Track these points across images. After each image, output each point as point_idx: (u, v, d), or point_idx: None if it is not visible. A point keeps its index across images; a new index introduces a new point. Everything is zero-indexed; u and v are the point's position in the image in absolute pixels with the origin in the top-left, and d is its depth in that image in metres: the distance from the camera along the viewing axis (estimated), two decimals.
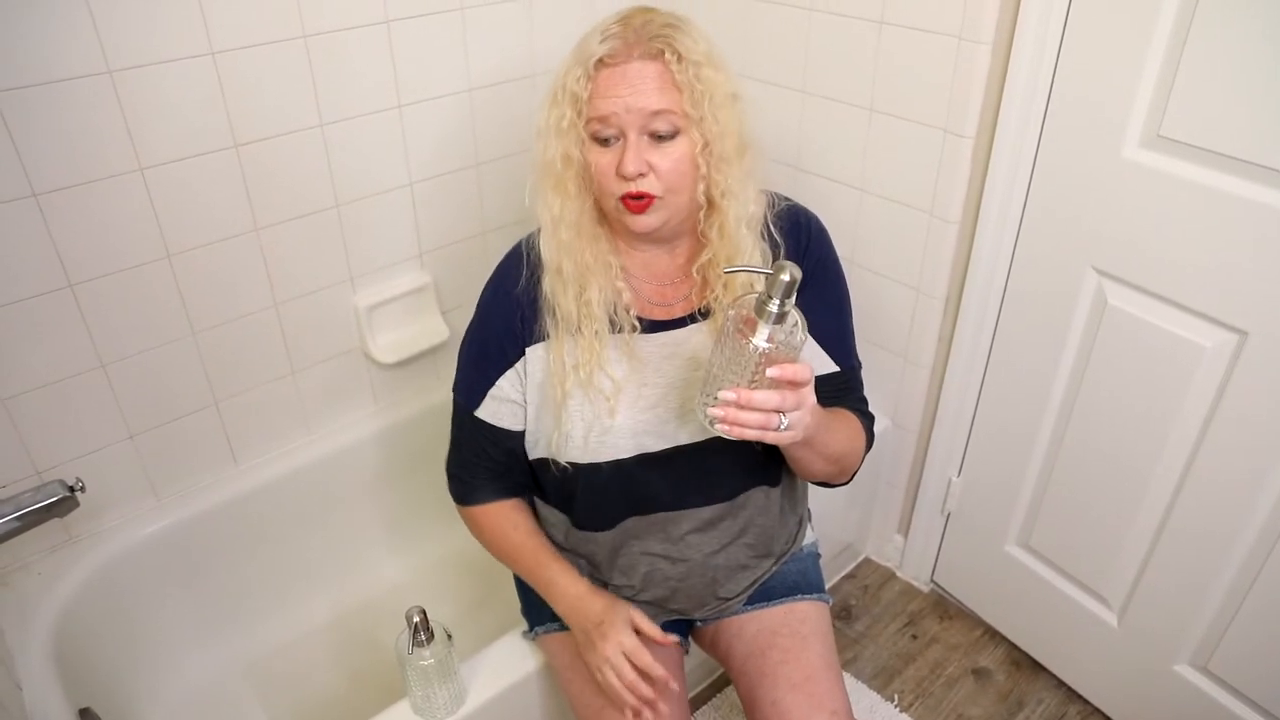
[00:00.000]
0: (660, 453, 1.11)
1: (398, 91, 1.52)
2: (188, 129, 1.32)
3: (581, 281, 1.07)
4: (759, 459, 1.15)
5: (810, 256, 1.12)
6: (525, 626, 1.31)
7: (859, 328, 1.21)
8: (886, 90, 1.48)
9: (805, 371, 0.88)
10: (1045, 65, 1.31)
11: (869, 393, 1.21)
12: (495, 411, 1.15)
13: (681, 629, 1.28)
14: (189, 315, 1.44)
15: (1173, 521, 1.40)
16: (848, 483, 1.18)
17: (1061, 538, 1.60)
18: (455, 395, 1.19)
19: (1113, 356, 1.39)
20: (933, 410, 1.72)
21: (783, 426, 0.89)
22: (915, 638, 1.83)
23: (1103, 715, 1.66)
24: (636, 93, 0.97)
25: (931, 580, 1.92)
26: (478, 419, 1.16)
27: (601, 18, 1.03)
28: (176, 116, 1.30)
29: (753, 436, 0.89)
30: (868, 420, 1.17)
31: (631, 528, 1.16)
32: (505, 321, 1.13)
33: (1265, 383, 1.22)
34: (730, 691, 1.68)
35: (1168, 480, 1.38)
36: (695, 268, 1.09)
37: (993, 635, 1.83)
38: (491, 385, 1.14)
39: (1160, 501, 1.41)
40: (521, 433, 1.17)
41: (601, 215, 1.09)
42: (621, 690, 1.07)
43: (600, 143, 1.01)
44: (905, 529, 1.91)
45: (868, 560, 2.01)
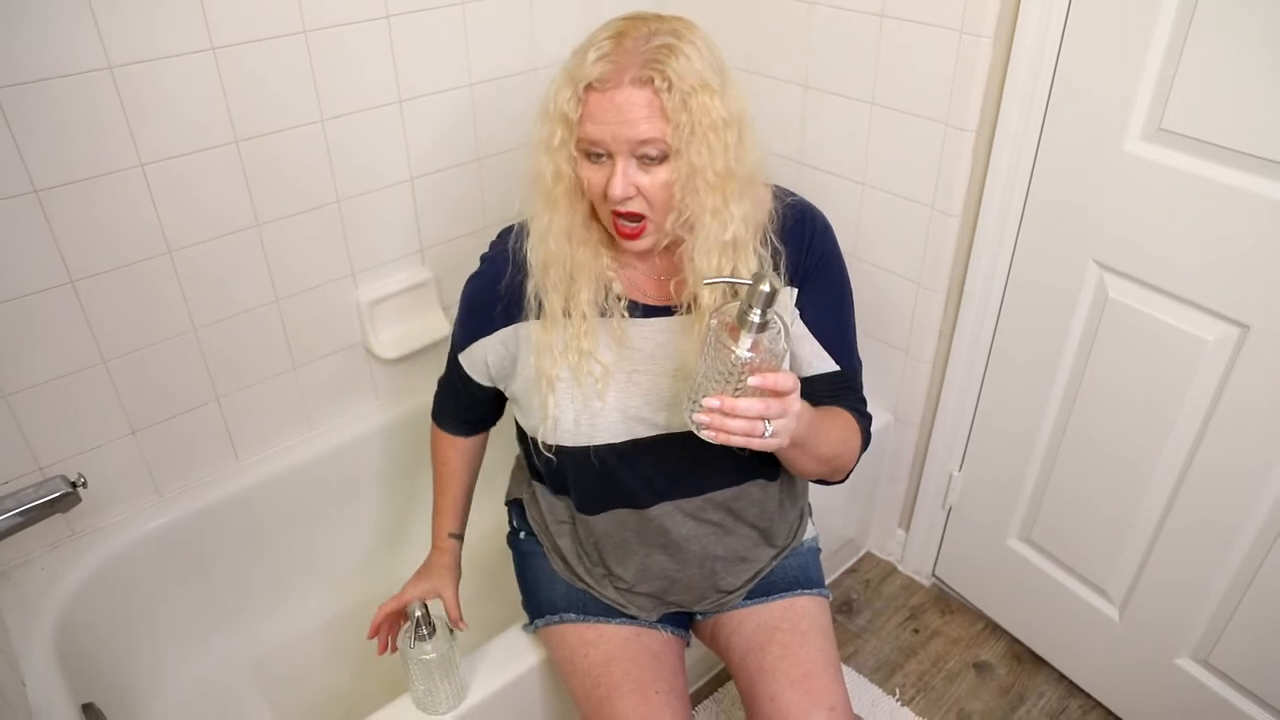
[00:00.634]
0: (653, 439, 1.12)
1: (399, 86, 1.52)
2: (189, 124, 1.32)
3: (571, 272, 1.08)
4: (751, 451, 1.14)
5: (813, 253, 1.12)
6: (526, 620, 1.32)
7: (860, 322, 1.21)
8: (888, 84, 1.48)
9: (787, 381, 0.89)
10: (1047, 58, 1.31)
11: (870, 386, 1.21)
12: (471, 363, 1.23)
13: (682, 622, 1.29)
14: (190, 311, 1.44)
15: (1174, 515, 1.40)
16: (842, 481, 1.17)
17: (1063, 532, 1.60)
18: (452, 333, 1.26)
19: (1114, 350, 1.39)
20: (934, 404, 1.72)
21: (767, 433, 0.90)
22: (917, 632, 1.83)
23: (1104, 709, 1.66)
24: (624, 122, 0.96)
25: (933, 574, 1.92)
26: (458, 361, 1.24)
27: (599, 26, 1.02)
28: (177, 112, 1.30)
29: (738, 443, 0.90)
30: (864, 420, 1.17)
31: (625, 518, 1.17)
32: (496, 290, 1.15)
33: (1267, 376, 1.22)
34: (731, 686, 1.68)
35: (1169, 474, 1.39)
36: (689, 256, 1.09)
37: (994, 629, 1.83)
38: (472, 343, 1.20)
39: (1162, 495, 1.41)
40: (490, 390, 1.25)
41: (594, 219, 1.09)
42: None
43: (591, 161, 1.01)
44: (907, 523, 1.92)
45: (869, 555, 2.01)
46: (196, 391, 1.51)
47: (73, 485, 1.27)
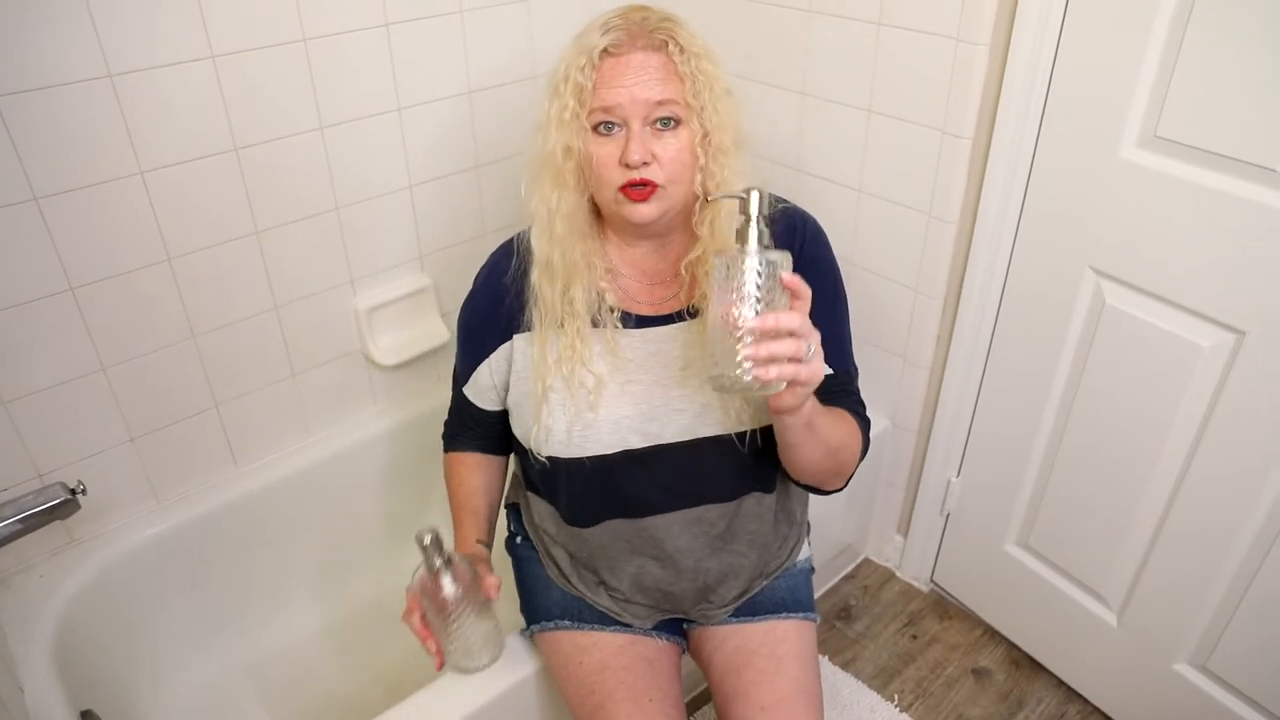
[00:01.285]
0: (645, 450, 1.12)
1: (397, 94, 1.53)
2: (188, 132, 1.33)
3: (567, 278, 1.08)
4: (750, 461, 1.14)
5: (804, 257, 1.12)
6: (523, 627, 1.31)
7: (857, 328, 1.21)
8: (885, 91, 1.49)
9: (805, 286, 0.87)
10: (1043, 66, 1.31)
11: (867, 392, 1.21)
12: (477, 393, 1.23)
13: (678, 630, 1.28)
14: (189, 318, 1.45)
15: (1172, 521, 1.40)
16: (842, 489, 1.16)
17: (1061, 537, 1.60)
18: (454, 367, 1.26)
19: (1111, 356, 1.40)
20: (931, 410, 1.72)
21: (809, 353, 0.85)
22: (915, 638, 1.83)
23: (1102, 714, 1.66)
24: (641, 83, 0.99)
25: (931, 580, 1.92)
26: (465, 395, 1.24)
27: (597, 14, 1.04)
28: (177, 120, 1.31)
29: (788, 374, 0.84)
30: (864, 423, 1.15)
31: (619, 529, 1.16)
32: (492, 309, 1.16)
33: (1262, 382, 1.22)
34: None
35: (1166, 479, 1.39)
36: (684, 264, 1.10)
37: (992, 635, 1.83)
38: (474, 370, 1.21)
39: (1159, 501, 1.41)
40: (501, 412, 1.24)
41: (595, 213, 1.10)
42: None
43: (601, 135, 1.02)
44: (905, 529, 1.92)
45: (867, 561, 2.01)
46: (195, 398, 1.52)
47: (72, 492, 1.26)
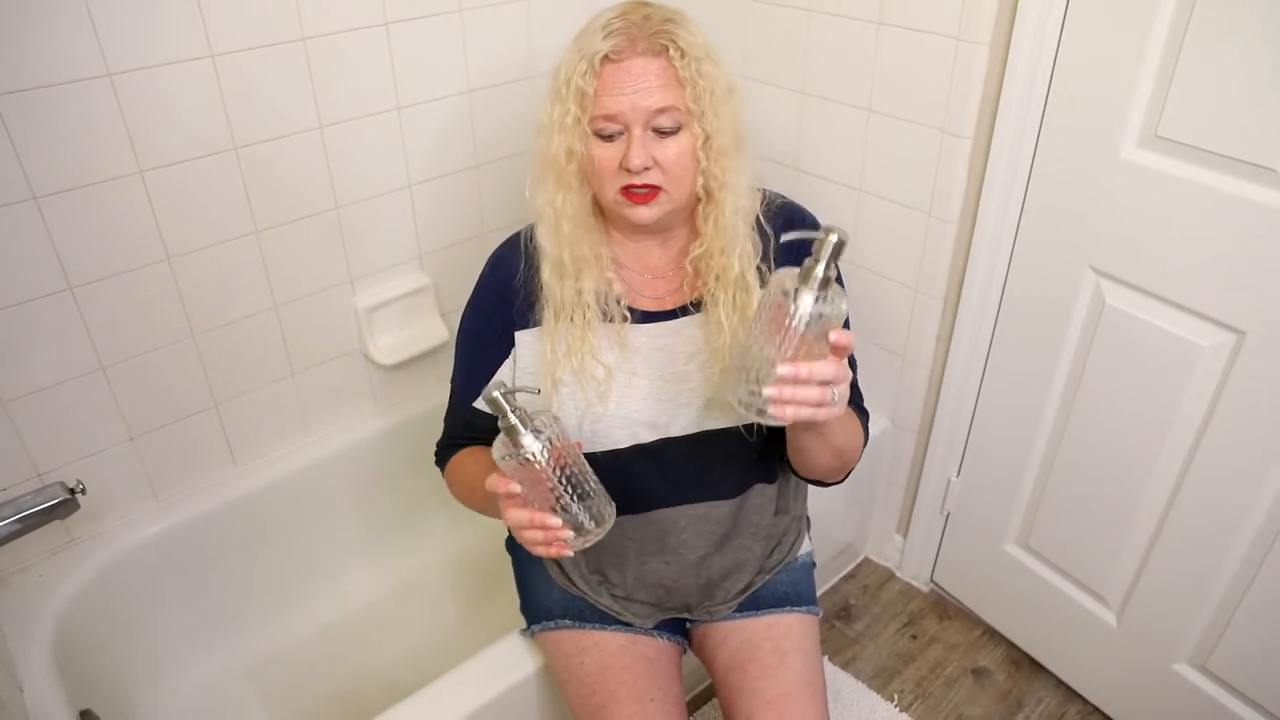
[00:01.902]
0: (653, 444, 1.12)
1: (397, 93, 1.53)
2: (187, 131, 1.32)
3: (576, 272, 1.08)
4: (754, 454, 1.15)
5: (805, 253, 1.12)
6: (524, 625, 1.31)
7: (857, 328, 1.21)
8: (885, 91, 1.49)
9: (848, 337, 0.85)
10: (1043, 65, 1.31)
11: (867, 392, 1.22)
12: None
13: (679, 629, 1.29)
14: (189, 317, 1.45)
15: (1171, 521, 1.40)
16: (842, 481, 1.17)
17: (1060, 537, 1.60)
18: (453, 384, 1.20)
19: (1111, 356, 1.40)
20: (931, 410, 1.72)
21: (834, 398, 0.85)
22: (915, 638, 1.83)
23: (1102, 714, 1.66)
24: (642, 91, 0.99)
25: (931, 580, 1.92)
26: (476, 409, 1.16)
27: (597, 12, 1.03)
28: (176, 119, 1.31)
29: (805, 416, 0.85)
30: (864, 416, 1.16)
31: (625, 525, 1.16)
32: (499, 308, 1.14)
33: (1263, 382, 1.22)
34: None
35: (1166, 479, 1.39)
36: (688, 260, 1.11)
37: (992, 635, 1.83)
38: (490, 376, 1.15)
39: (1159, 501, 1.41)
40: None
41: (598, 208, 1.11)
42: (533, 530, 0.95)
43: (603, 138, 1.02)
44: (904, 529, 1.92)
45: (867, 560, 2.01)
46: (195, 398, 1.51)
47: (71, 492, 1.26)
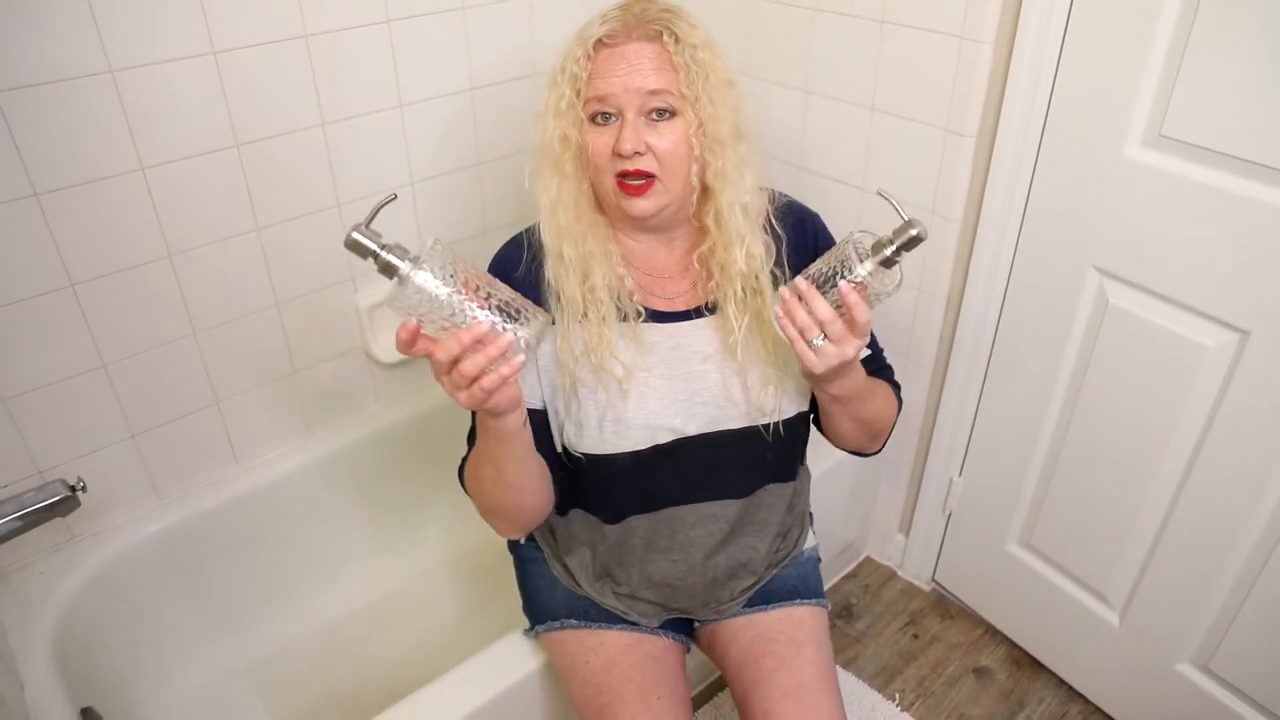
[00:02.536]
0: (670, 444, 1.11)
1: (399, 91, 1.52)
2: (189, 128, 1.32)
3: (584, 268, 1.06)
4: (770, 454, 1.15)
5: (820, 251, 1.12)
6: (527, 625, 1.31)
7: None
8: (888, 89, 1.48)
9: (865, 313, 0.92)
10: (1047, 64, 1.31)
11: None
12: None
13: (683, 628, 1.28)
14: (190, 315, 1.44)
15: (1174, 521, 1.40)
16: (879, 451, 1.21)
17: (1063, 537, 1.60)
18: None
19: (1114, 356, 1.39)
20: (934, 409, 1.72)
21: (815, 342, 0.93)
22: (916, 637, 1.83)
23: (1104, 714, 1.66)
24: (635, 72, 0.99)
25: (933, 579, 1.92)
26: None
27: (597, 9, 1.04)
28: (178, 116, 1.30)
29: (790, 334, 0.94)
30: (898, 389, 1.22)
31: (637, 525, 1.16)
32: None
33: (1267, 382, 1.22)
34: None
35: (1170, 479, 1.38)
36: (695, 256, 1.10)
37: (994, 634, 1.83)
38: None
39: (1162, 501, 1.41)
40: (538, 411, 1.11)
41: (599, 202, 1.10)
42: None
43: (598, 125, 1.02)
44: (906, 528, 1.91)
45: (869, 559, 2.01)
46: (196, 395, 1.51)
47: (72, 489, 1.26)
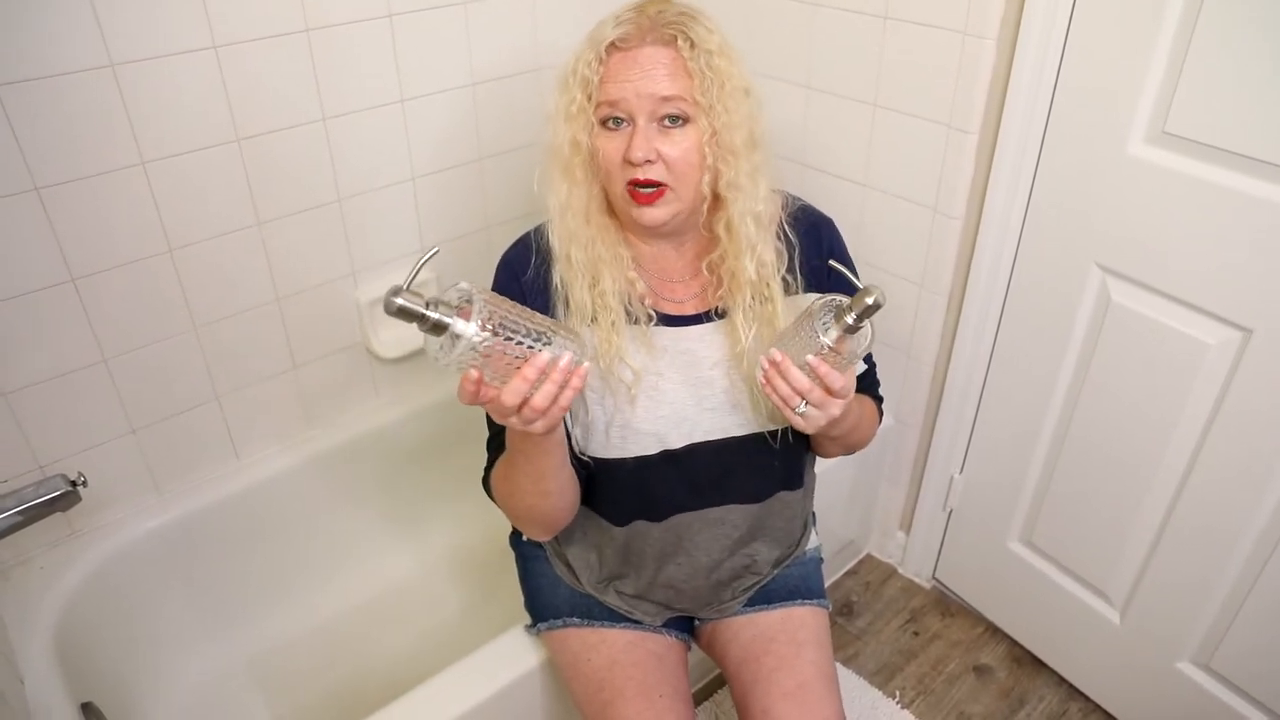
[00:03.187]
0: (680, 450, 1.10)
1: (400, 85, 1.52)
2: (190, 123, 1.32)
3: (594, 272, 1.05)
4: (779, 460, 1.15)
5: (834, 256, 1.13)
6: (528, 621, 1.31)
7: None
8: (891, 85, 1.48)
9: (839, 381, 0.93)
10: (1050, 61, 1.30)
11: None
12: None
13: (685, 626, 1.28)
14: (191, 309, 1.44)
15: (1176, 519, 1.40)
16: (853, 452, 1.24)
17: (1064, 535, 1.60)
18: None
19: (1116, 353, 1.39)
20: (935, 406, 1.72)
21: (799, 409, 0.95)
22: (917, 634, 1.83)
23: (1104, 713, 1.66)
24: (648, 78, 0.97)
25: (933, 577, 1.92)
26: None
27: (615, 7, 1.02)
28: (179, 110, 1.30)
29: (774, 402, 0.96)
30: (879, 401, 1.24)
31: (646, 531, 1.15)
32: None
33: (1269, 380, 1.22)
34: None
35: (1171, 477, 1.38)
36: (705, 263, 1.09)
37: (994, 632, 1.82)
38: None
39: (1163, 499, 1.41)
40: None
41: (609, 205, 1.08)
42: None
43: (609, 129, 1.00)
44: (907, 526, 1.91)
45: (869, 557, 2.01)
46: (197, 390, 1.51)
47: (72, 484, 1.26)
